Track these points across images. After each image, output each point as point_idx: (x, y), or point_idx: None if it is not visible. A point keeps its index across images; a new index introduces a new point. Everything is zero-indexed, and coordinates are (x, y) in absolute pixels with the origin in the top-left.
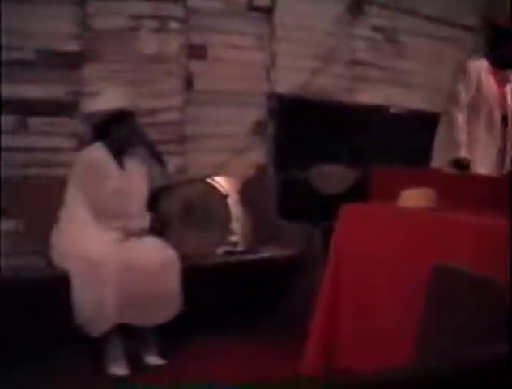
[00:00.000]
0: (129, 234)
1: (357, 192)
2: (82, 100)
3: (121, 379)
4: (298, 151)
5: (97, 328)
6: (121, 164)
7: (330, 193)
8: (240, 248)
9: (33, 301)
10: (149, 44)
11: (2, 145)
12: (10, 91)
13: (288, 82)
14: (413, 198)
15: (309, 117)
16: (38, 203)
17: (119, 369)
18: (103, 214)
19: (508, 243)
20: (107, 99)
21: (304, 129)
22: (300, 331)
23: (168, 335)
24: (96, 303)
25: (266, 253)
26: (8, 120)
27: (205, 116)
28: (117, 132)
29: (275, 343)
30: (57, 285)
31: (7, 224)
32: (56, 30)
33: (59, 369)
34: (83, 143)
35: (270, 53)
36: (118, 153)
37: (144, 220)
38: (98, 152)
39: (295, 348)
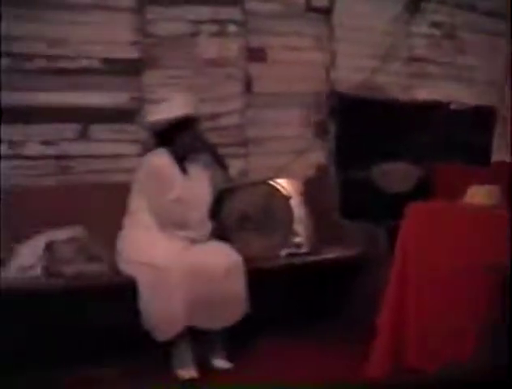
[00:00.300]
0: (192, 242)
1: (421, 190)
2: (143, 106)
3: (188, 382)
4: (359, 150)
5: (165, 333)
6: (184, 170)
7: (393, 191)
8: (303, 249)
9: (97, 307)
10: (209, 48)
11: (66, 153)
12: (73, 99)
13: (347, 81)
14: (478, 195)
15: (369, 116)
16: (102, 209)
17: (187, 372)
18: (166, 222)
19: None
20: (171, 106)
21: (364, 128)
22: (365, 333)
23: (235, 339)
24: (163, 309)
25: (330, 254)
26: (71, 128)
27: (265, 118)
28: (182, 138)
29: (340, 344)
30: (122, 291)
31: (71, 231)
32: (116, 37)
33: (126, 374)
34: (145, 149)
35: (330, 54)
36: (181, 159)
37: (207, 227)
38: (161, 159)
39: (360, 349)
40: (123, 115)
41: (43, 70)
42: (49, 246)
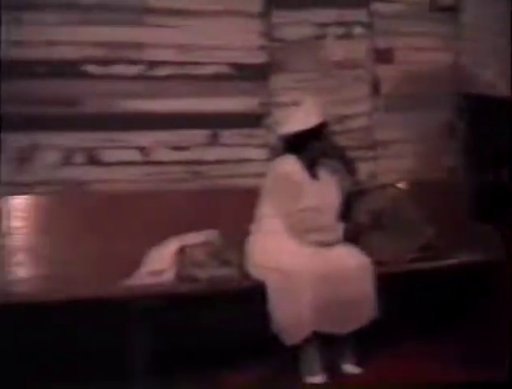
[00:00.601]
0: (322, 246)
1: None
2: (271, 110)
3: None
4: (488, 150)
5: (293, 337)
6: (313, 176)
7: None
8: (432, 253)
9: (229, 310)
10: (335, 50)
11: (197, 158)
12: (203, 105)
13: (475, 81)
14: None
15: (498, 116)
16: (232, 213)
17: (314, 378)
18: (295, 229)
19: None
20: (303, 118)
21: (493, 128)
22: (498, 337)
23: (364, 343)
24: (292, 313)
25: (459, 257)
26: (201, 133)
27: (393, 120)
28: (312, 145)
29: (474, 348)
30: (253, 295)
31: (204, 235)
32: (244, 42)
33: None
34: (274, 154)
35: (456, 53)
36: (311, 164)
37: (337, 232)
38: (291, 165)
39: (494, 353)
40: (252, 120)
41: (173, 77)
42: (182, 251)
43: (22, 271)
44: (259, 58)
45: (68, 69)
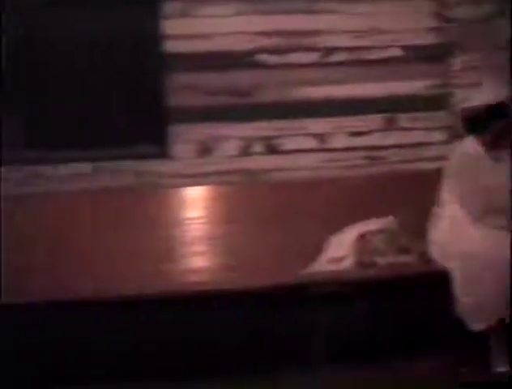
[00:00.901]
0: (507, 230)
1: None
2: (449, 92)
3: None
4: None
5: (479, 323)
6: (495, 158)
7: None
8: None
9: (410, 297)
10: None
11: (374, 143)
12: (378, 89)
13: None
14: None
15: None
16: (411, 198)
17: (502, 368)
18: (479, 212)
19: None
20: (487, 93)
21: None
22: None
23: None
24: (478, 298)
25: None
26: (378, 118)
27: None
28: (495, 125)
29: None
30: (436, 281)
31: (382, 222)
32: (416, 24)
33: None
34: (453, 136)
35: None
36: (492, 146)
37: None
38: (473, 147)
39: None
40: (429, 102)
41: (348, 63)
42: (362, 238)
43: (200, 260)
44: (434, 40)
45: (243, 59)
